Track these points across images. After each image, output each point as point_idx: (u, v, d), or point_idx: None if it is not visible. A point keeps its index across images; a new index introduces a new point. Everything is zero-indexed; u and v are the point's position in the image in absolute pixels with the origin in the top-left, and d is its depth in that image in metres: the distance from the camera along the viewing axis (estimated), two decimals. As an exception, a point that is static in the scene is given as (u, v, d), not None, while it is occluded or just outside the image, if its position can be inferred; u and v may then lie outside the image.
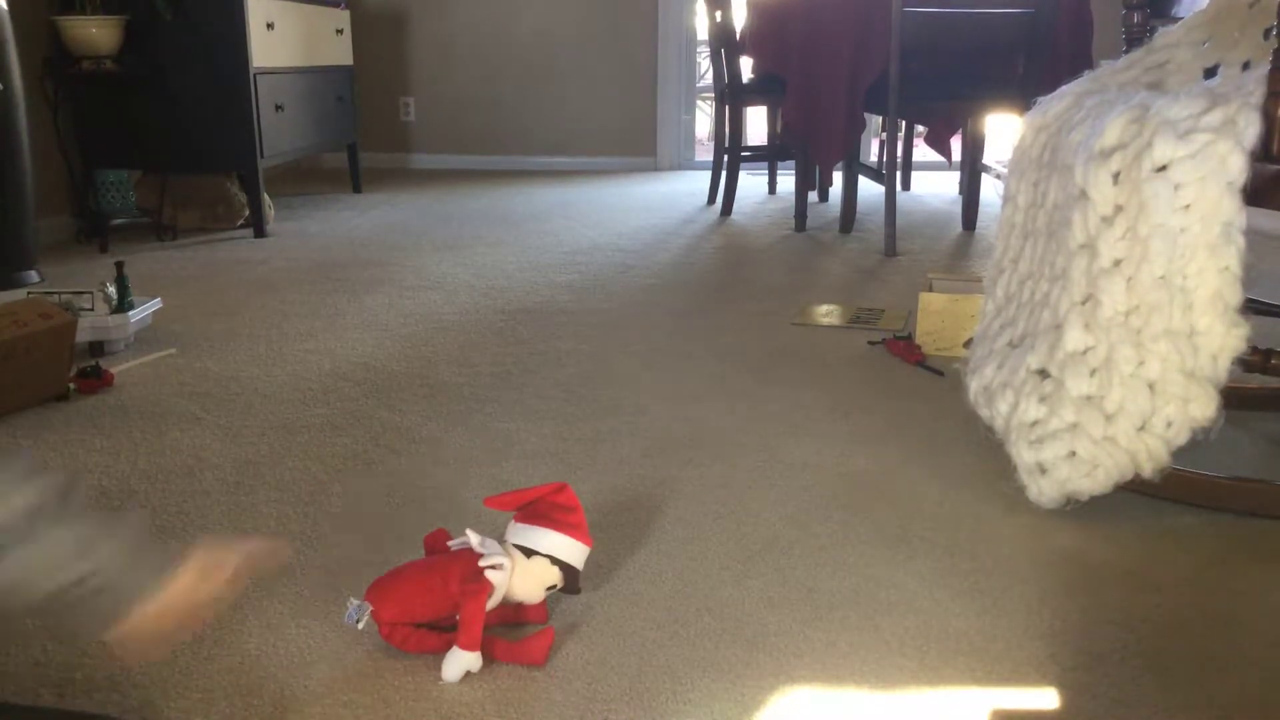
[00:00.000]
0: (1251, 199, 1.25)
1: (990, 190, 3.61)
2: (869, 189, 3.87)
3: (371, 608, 1.09)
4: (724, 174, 4.05)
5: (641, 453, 1.68)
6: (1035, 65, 3.28)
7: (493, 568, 1.11)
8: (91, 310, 2.16)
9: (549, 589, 1.16)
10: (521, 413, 1.86)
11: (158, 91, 3.36)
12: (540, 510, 1.17)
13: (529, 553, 1.14)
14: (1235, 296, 1.26)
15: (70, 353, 1.92)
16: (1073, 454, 1.38)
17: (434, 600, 1.11)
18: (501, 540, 1.16)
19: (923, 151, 4.47)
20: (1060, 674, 1.09)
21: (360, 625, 1.08)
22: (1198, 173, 1.25)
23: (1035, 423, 1.43)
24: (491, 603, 1.12)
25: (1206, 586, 1.27)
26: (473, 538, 1.15)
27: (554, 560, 1.14)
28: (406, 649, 1.11)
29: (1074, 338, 1.37)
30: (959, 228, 3.68)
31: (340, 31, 4.29)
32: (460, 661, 1.08)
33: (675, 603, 1.23)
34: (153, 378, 2.04)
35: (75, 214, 3.49)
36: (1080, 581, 1.28)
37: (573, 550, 1.16)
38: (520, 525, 1.16)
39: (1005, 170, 1.72)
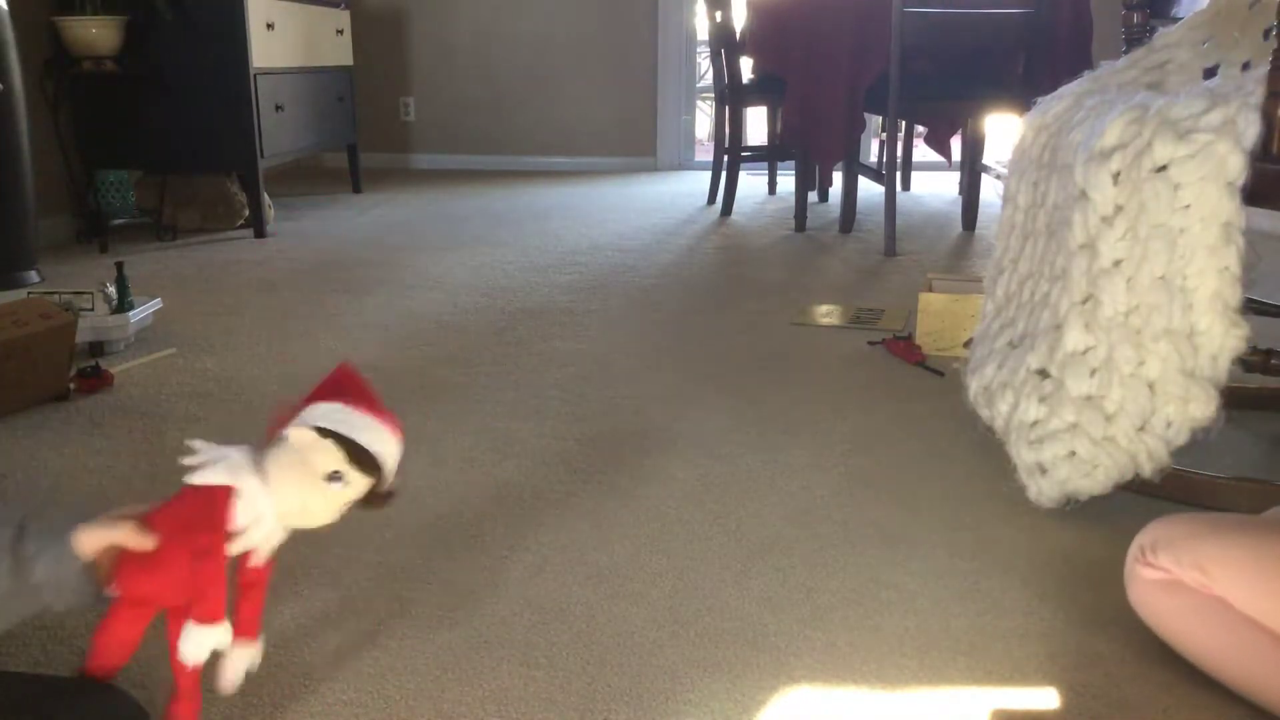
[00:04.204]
0: (1251, 199, 1.25)
1: (990, 190, 3.61)
2: (869, 189, 3.87)
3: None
4: (724, 174, 4.05)
5: (641, 453, 1.68)
6: (1035, 65, 3.28)
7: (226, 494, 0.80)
8: (91, 310, 2.16)
9: (332, 480, 0.82)
10: (521, 413, 1.86)
11: (158, 92, 3.36)
12: (315, 396, 0.89)
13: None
14: (1235, 296, 1.26)
15: (70, 353, 1.92)
16: (1073, 454, 1.38)
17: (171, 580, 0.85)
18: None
19: (923, 151, 4.47)
20: (1060, 674, 1.09)
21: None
22: (1198, 173, 1.25)
23: (1035, 423, 1.43)
24: (240, 547, 0.84)
25: (1206, 586, 1.27)
26: (203, 449, 0.83)
27: (325, 433, 0.80)
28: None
29: (1074, 338, 1.37)
30: (959, 228, 3.68)
31: (340, 32, 4.29)
32: (202, 638, 0.85)
33: (675, 603, 1.23)
34: (153, 378, 2.04)
35: (75, 214, 3.49)
36: (1080, 581, 1.28)
37: (352, 422, 0.82)
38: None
39: (1005, 170, 1.72)
